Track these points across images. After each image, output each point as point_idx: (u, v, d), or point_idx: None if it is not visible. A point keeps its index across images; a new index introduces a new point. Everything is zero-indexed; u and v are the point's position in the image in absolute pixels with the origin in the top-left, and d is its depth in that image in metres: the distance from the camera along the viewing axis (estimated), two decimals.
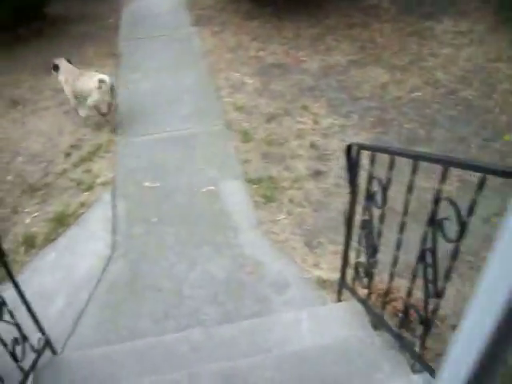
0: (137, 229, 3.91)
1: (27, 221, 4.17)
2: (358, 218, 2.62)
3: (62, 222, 4.10)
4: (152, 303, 3.31)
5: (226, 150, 4.74)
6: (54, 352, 2.93)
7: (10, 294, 2.35)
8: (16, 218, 4.20)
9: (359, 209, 2.59)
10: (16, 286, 2.63)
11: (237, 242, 3.71)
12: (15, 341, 2.45)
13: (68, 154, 4.96)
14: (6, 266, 2.56)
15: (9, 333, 2.29)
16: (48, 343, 2.88)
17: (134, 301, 3.34)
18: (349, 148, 2.47)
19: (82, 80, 5.18)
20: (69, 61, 5.43)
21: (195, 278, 3.45)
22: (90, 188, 4.45)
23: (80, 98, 5.26)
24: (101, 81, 5.01)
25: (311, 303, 3.25)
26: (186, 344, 2.76)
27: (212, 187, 4.26)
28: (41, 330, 2.85)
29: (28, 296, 2.59)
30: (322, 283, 3.38)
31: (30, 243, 3.92)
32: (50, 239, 3.97)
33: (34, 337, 2.67)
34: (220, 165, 4.54)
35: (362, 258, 2.67)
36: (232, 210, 4.01)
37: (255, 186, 4.28)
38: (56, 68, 5.39)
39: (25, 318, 2.51)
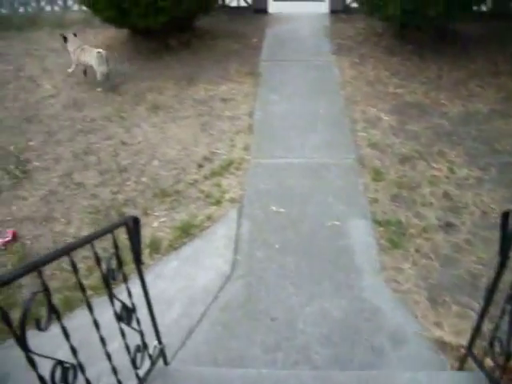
0: (258, 252, 3.92)
1: (155, 224, 4.33)
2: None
3: (187, 231, 4.22)
4: (264, 331, 3.27)
5: (355, 186, 4.64)
6: (165, 362, 2.98)
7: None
8: (145, 220, 4.36)
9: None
10: (146, 293, 2.71)
11: (357, 283, 3.60)
12: (137, 348, 2.52)
13: (200, 166, 5.12)
14: (140, 272, 2.65)
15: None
16: (162, 352, 2.94)
17: (247, 325, 3.33)
18: (506, 215, 2.29)
19: (84, 53, 6.90)
20: (75, 35, 7.21)
21: (311, 313, 3.37)
22: (217, 203, 4.54)
23: (82, 65, 7.08)
24: (98, 52, 6.68)
25: (429, 365, 3.06)
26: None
27: (337, 222, 4.18)
28: (158, 338, 2.91)
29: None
30: (443, 345, 3.17)
31: (155, 247, 4.06)
32: (173, 246, 4.09)
33: (150, 344, 2.74)
34: (347, 200, 4.45)
35: (499, 332, 2.46)
36: (356, 249, 3.91)
37: (382, 228, 4.14)
38: (65, 40, 7.13)
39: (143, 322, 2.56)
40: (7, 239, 4.32)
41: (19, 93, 7.00)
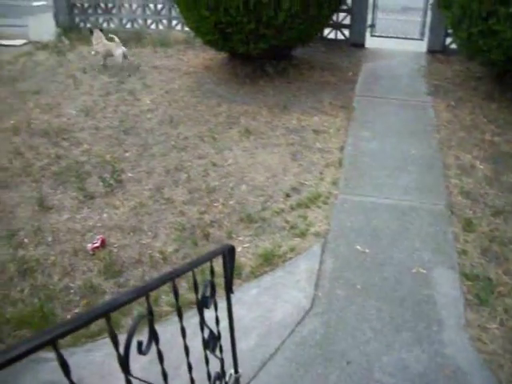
0: (339, 290, 3.86)
1: (238, 249, 4.36)
2: None
3: (269, 260, 4.23)
4: (338, 374, 3.21)
5: (445, 235, 4.49)
6: None
7: (208, 316, 2.37)
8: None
9: None
10: (231, 322, 2.75)
11: (439, 337, 3.46)
12: (217, 376, 2.55)
13: (288, 195, 5.13)
14: (229, 301, 2.70)
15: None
16: (238, 382, 2.96)
17: (321, 364, 3.28)
18: None
19: (104, 43, 8.62)
20: (101, 30, 8.89)
21: (388, 362, 3.28)
22: (302, 235, 4.53)
23: (106, 54, 8.70)
24: (113, 39, 8.50)
25: None
26: None
27: (423, 270, 4.06)
28: (235, 367, 2.93)
29: (226, 326, 2.67)
30: None
31: (237, 273, 4.06)
32: (255, 274, 4.12)
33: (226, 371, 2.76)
34: (435, 248, 4.31)
35: None
36: (440, 301, 3.77)
37: (469, 282, 3.98)
38: (91, 32, 8.81)
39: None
40: (96, 245, 4.50)
41: (120, 104, 7.36)
